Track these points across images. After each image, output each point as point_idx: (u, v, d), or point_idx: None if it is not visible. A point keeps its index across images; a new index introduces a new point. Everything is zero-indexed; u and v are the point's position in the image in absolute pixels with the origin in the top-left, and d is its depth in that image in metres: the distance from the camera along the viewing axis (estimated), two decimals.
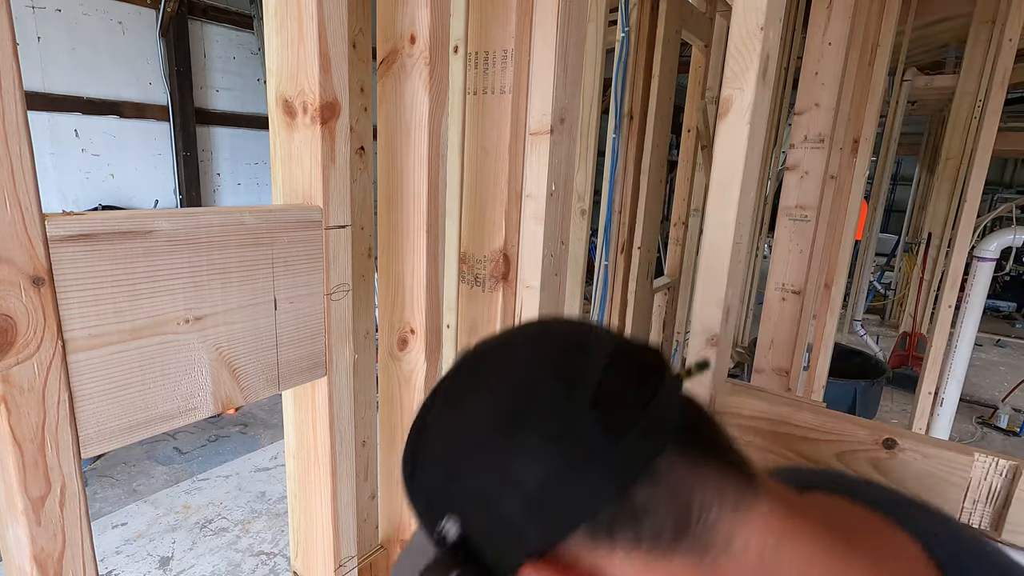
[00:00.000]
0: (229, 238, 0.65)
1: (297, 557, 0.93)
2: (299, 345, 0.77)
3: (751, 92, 0.86)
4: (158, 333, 0.60)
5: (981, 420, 4.54)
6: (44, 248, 0.50)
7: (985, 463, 0.78)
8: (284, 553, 2.70)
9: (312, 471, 0.86)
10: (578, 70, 1.02)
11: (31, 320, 0.50)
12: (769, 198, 5.03)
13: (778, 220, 1.86)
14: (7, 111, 0.46)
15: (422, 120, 0.91)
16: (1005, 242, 2.49)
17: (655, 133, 2.67)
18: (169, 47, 4.49)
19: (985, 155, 1.91)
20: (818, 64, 1.73)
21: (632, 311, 2.87)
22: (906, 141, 7.42)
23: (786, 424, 0.94)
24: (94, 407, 0.56)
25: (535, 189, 1.01)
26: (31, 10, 3.81)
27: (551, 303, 1.09)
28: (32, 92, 3.84)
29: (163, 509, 2.99)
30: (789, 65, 4.44)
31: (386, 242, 0.99)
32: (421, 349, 1.00)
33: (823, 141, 1.76)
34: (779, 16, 0.89)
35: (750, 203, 0.95)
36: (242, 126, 5.23)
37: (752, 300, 5.38)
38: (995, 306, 8.05)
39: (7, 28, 0.46)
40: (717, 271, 0.94)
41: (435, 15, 0.88)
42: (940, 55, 5.78)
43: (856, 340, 5.54)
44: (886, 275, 8.21)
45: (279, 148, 0.77)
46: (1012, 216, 2.52)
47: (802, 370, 1.99)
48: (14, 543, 0.53)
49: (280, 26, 0.73)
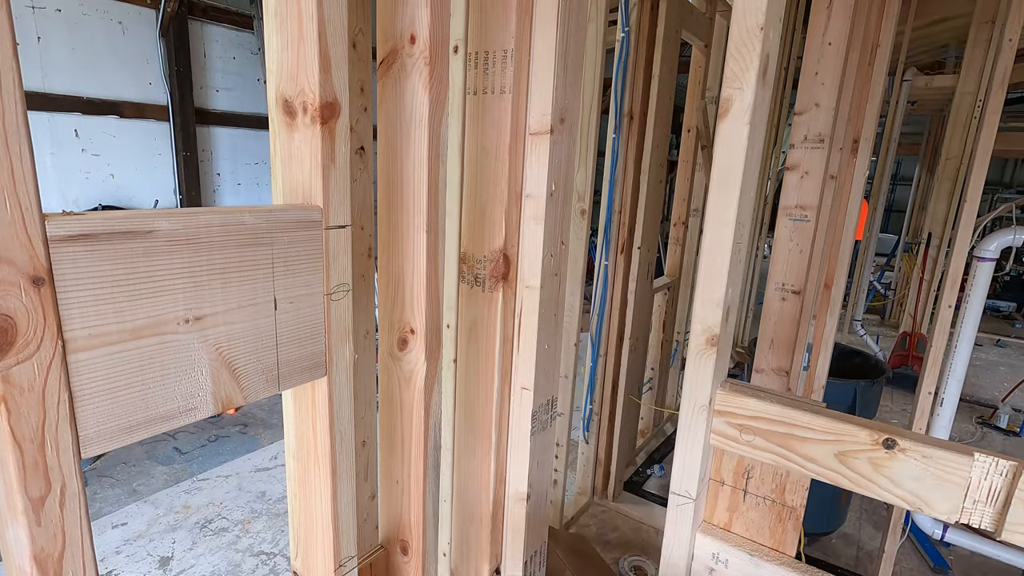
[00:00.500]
0: (229, 238, 0.65)
1: (297, 557, 0.93)
2: (299, 345, 0.77)
3: (751, 92, 0.86)
4: (158, 333, 0.60)
5: (981, 420, 4.54)
6: (44, 248, 0.50)
7: (985, 463, 0.78)
8: (284, 553, 2.70)
9: (312, 471, 0.86)
10: (578, 70, 1.02)
11: (31, 320, 0.50)
12: (769, 198, 5.03)
13: (778, 220, 1.86)
14: (7, 111, 0.46)
15: (422, 120, 0.91)
16: (1005, 242, 2.49)
17: (655, 133, 2.67)
18: (169, 47, 4.49)
19: (985, 155, 1.91)
20: (818, 64, 1.73)
21: (632, 311, 2.87)
22: (906, 141, 7.43)
23: (786, 424, 0.94)
24: (94, 407, 0.56)
25: (535, 189, 1.01)
26: (31, 10, 3.81)
27: (551, 303, 1.09)
28: (32, 92, 3.84)
29: (163, 509, 2.99)
30: (789, 65, 4.44)
31: (386, 242, 0.99)
32: (421, 349, 1.00)
33: (823, 141, 1.76)
34: (779, 16, 0.89)
35: (750, 203, 0.95)
36: (242, 126, 5.23)
37: (752, 300, 5.38)
38: (995, 306, 8.06)
39: (7, 28, 0.46)
40: (717, 271, 0.94)
41: (435, 15, 0.88)
42: (940, 55, 5.78)
43: (856, 340, 5.53)
44: (886, 275, 8.21)
45: (279, 148, 0.77)
46: (1012, 216, 2.52)
47: (802, 370, 1.99)
48: (14, 543, 0.53)
49: (280, 26, 0.73)
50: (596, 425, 2.93)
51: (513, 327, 1.10)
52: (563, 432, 2.60)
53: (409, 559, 1.13)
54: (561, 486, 2.66)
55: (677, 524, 1.06)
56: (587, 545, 2.10)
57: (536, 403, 1.12)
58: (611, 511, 3.02)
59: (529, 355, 1.08)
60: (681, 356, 3.98)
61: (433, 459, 1.09)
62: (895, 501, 0.86)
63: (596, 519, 2.95)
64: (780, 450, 0.96)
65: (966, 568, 2.77)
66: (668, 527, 1.08)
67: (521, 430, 1.13)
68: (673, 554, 1.08)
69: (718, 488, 1.08)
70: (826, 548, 2.87)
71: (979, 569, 2.76)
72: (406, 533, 1.11)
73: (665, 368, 3.77)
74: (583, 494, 3.06)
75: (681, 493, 1.04)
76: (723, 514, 1.09)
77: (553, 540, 1.78)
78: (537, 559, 1.26)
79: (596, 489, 3.07)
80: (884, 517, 2.69)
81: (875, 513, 3.18)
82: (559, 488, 2.65)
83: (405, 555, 1.13)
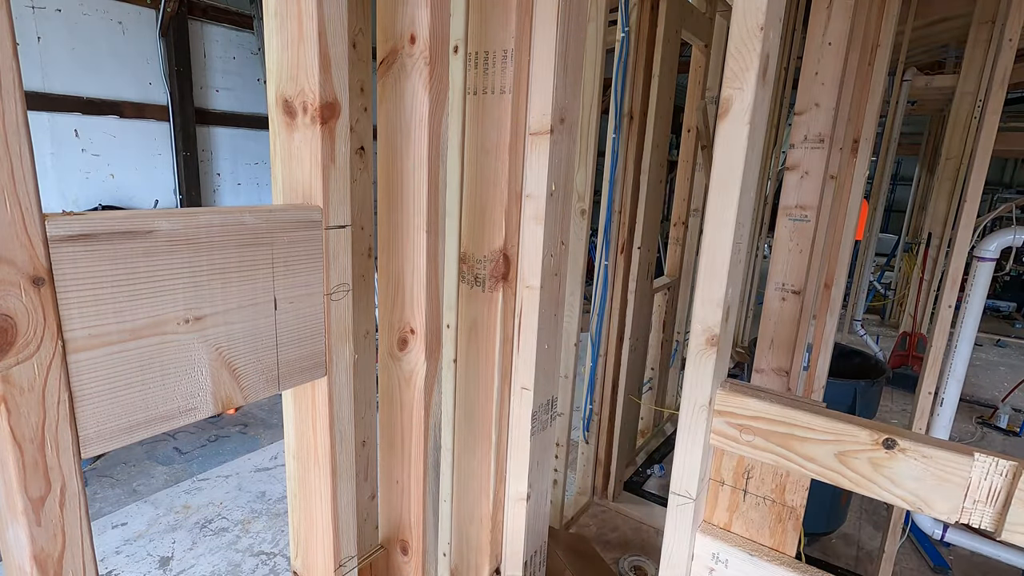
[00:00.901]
0: (229, 238, 0.65)
1: (297, 557, 0.93)
2: (299, 345, 0.77)
3: (751, 92, 0.86)
4: (158, 333, 0.60)
5: (981, 420, 4.54)
6: (44, 248, 0.50)
7: (985, 463, 0.78)
8: (284, 553, 2.70)
9: (312, 471, 0.86)
10: (578, 70, 1.02)
11: (31, 320, 0.50)
12: (769, 198, 5.03)
13: (778, 220, 1.86)
14: (7, 111, 0.46)
15: (422, 120, 0.91)
16: (1005, 242, 2.49)
17: (655, 133, 2.67)
18: (169, 47, 4.49)
19: (985, 155, 1.91)
20: (818, 64, 1.73)
21: (632, 311, 2.87)
22: (906, 141, 7.43)
23: (786, 424, 0.94)
24: (94, 407, 0.56)
25: (535, 189, 1.01)
26: (31, 10, 3.81)
27: (551, 303, 1.09)
28: (32, 92, 3.84)
29: (163, 509, 2.99)
30: (789, 65, 4.44)
31: (386, 242, 0.99)
32: (421, 349, 1.00)
33: (823, 141, 1.76)
34: (779, 16, 0.89)
35: (750, 203, 0.95)
36: (242, 126, 5.23)
37: (752, 300, 5.38)
38: (995, 306, 8.06)
39: (7, 28, 0.46)
40: (717, 271, 0.94)
41: (435, 15, 0.88)
42: (940, 55, 5.78)
43: (856, 340, 5.54)
44: (886, 275, 8.21)
45: (279, 148, 0.77)
46: (1012, 216, 2.52)
47: (802, 370, 1.99)
48: (14, 543, 0.53)
49: (280, 26, 0.73)
50: (596, 425, 2.93)
51: (513, 327, 1.10)
52: (563, 432, 2.60)
53: (409, 559, 1.13)
54: (561, 486, 2.66)
55: (677, 524, 1.06)
56: (587, 545, 2.10)
57: (536, 403, 1.12)
58: (611, 511, 3.02)
59: (529, 355, 1.08)
60: (681, 356, 3.98)
61: (433, 459, 1.09)
62: (895, 501, 0.86)
63: (596, 519, 2.95)
64: (780, 450, 0.96)
65: (966, 568, 2.77)
66: (668, 527, 1.08)
67: (521, 430, 1.13)
68: (673, 554, 1.08)
69: (718, 488, 1.08)
70: (826, 548, 2.88)
71: (979, 569, 2.76)
72: (406, 533, 1.11)
73: (665, 368, 3.77)
74: (583, 494, 3.06)
75: (681, 493, 1.04)
76: (723, 514, 1.09)
77: (553, 540, 1.79)
78: (537, 559, 1.26)
79: (596, 489, 3.07)
80: (884, 517, 2.69)
81: (875, 513, 3.18)
82: (559, 488, 2.65)
83: (405, 555, 1.13)
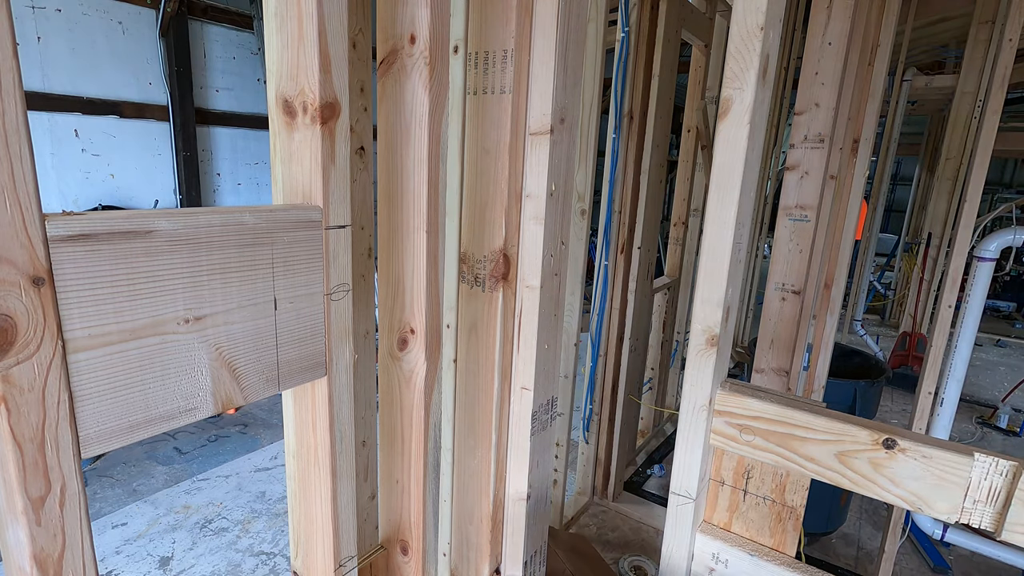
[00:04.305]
0: (229, 238, 0.65)
1: (297, 557, 0.93)
2: (299, 345, 0.77)
3: (751, 92, 0.86)
4: (158, 333, 0.60)
5: (981, 420, 4.54)
6: (44, 248, 0.50)
7: (985, 463, 0.78)
8: (284, 553, 2.70)
9: (312, 471, 0.86)
10: (578, 70, 1.02)
11: (31, 320, 0.50)
12: (769, 198, 5.03)
13: (778, 220, 1.86)
14: (7, 111, 0.46)
15: (422, 120, 0.91)
16: (1005, 242, 2.49)
17: (655, 133, 2.67)
18: (169, 47, 4.49)
19: (985, 155, 1.91)
20: (818, 64, 1.73)
21: (632, 311, 2.87)
22: (906, 141, 7.43)
23: (786, 424, 0.94)
24: (94, 407, 0.56)
25: (535, 189, 1.01)
26: (31, 10, 3.81)
27: (551, 303, 1.09)
28: (32, 92, 3.84)
29: (163, 509, 2.99)
30: (789, 65, 4.44)
31: (386, 242, 0.99)
32: (421, 349, 1.00)
33: (823, 141, 1.76)
34: (779, 16, 0.89)
35: (750, 203, 0.95)
36: (242, 126, 5.23)
37: (752, 300, 5.38)
38: (995, 306, 8.06)
39: (7, 28, 0.46)
40: (717, 271, 0.94)
41: (435, 15, 0.88)
42: (940, 55, 5.78)
43: (856, 340, 5.54)
44: (886, 275, 8.22)
45: (279, 148, 0.77)
46: (1012, 216, 2.52)
47: (802, 370, 1.99)
48: (14, 543, 0.53)
49: (280, 26, 0.73)
50: (596, 425, 2.93)
51: (513, 327, 1.10)
52: (563, 432, 2.60)
53: (409, 559, 1.13)
54: (561, 486, 2.66)
55: (677, 524, 1.06)
56: (587, 545, 2.10)
57: (536, 403, 1.12)
58: (611, 511, 3.02)
59: (529, 355, 1.08)
60: (681, 356, 3.98)
61: (433, 459, 1.09)
62: (895, 501, 0.86)
63: (596, 519, 2.95)
64: (780, 450, 0.96)
65: (966, 568, 2.77)
66: (668, 527, 1.08)
67: (521, 430, 1.13)
68: (673, 554, 1.08)
69: (718, 488, 1.08)
70: (826, 548, 2.88)
71: (979, 569, 2.76)
72: (406, 533, 1.11)
73: (665, 368, 3.77)
74: (583, 494, 3.06)
75: (681, 493, 1.04)
76: (723, 514, 1.09)
77: (553, 540, 1.79)
78: (537, 559, 1.26)
79: (596, 489, 3.07)
80: (884, 517, 2.69)
81: (875, 513, 3.18)
82: (559, 488, 2.65)
83: (405, 555, 1.13)
